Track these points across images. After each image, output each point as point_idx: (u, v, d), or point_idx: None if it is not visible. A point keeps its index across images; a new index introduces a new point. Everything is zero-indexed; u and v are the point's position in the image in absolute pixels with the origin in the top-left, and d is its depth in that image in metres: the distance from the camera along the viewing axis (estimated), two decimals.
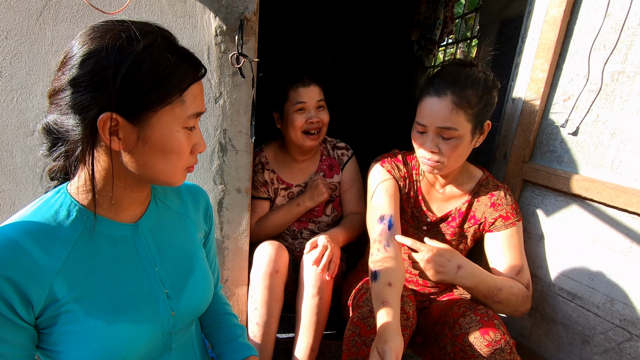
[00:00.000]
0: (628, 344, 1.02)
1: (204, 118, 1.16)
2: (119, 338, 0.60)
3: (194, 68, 0.61)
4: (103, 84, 0.53)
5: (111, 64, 0.53)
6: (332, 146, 1.58)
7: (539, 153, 1.21)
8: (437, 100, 1.00)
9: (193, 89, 0.61)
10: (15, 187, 1.14)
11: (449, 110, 0.98)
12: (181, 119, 0.60)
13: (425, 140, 1.05)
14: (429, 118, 1.02)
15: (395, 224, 1.11)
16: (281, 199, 1.52)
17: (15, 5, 1.01)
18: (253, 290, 1.27)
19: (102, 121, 0.54)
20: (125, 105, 0.55)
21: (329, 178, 1.54)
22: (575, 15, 1.10)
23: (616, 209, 1.03)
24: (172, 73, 0.57)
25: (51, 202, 0.61)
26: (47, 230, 0.58)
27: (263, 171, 1.50)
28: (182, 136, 0.61)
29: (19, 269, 0.53)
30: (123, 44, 0.54)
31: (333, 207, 1.54)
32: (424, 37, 3.29)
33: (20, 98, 1.07)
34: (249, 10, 1.08)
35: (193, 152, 0.66)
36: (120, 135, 0.57)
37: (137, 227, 0.68)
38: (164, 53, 0.56)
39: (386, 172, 1.20)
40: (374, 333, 0.97)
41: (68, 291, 0.57)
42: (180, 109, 0.59)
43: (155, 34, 0.58)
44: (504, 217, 1.12)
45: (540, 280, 1.22)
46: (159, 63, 0.56)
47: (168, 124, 0.59)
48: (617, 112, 1.02)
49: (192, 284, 0.73)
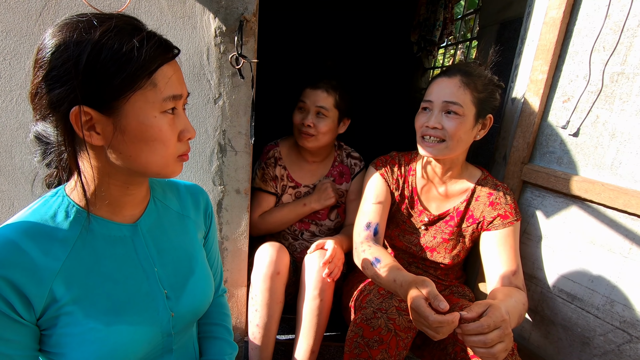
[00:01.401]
0: (628, 346, 1.02)
1: (203, 118, 1.16)
2: (118, 340, 0.60)
3: (162, 48, 0.58)
4: (67, 77, 0.52)
5: (71, 56, 0.51)
6: (347, 154, 1.58)
7: (539, 154, 1.21)
8: (446, 79, 1.09)
9: (164, 70, 0.58)
10: (14, 187, 1.13)
11: (456, 87, 1.06)
12: (156, 103, 0.57)
13: (429, 117, 1.09)
14: (437, 94, 1.08)
15: (380, 232, 1.20)
16: (288, 196, 1.52)
17: (14, 6, 1.01)
18: (254, 292, 1.27)
19: (73, 116, 0.53)
20: (92, 96, 0.53)
21: (338, 184, 1.53)
22: (574, 16, 1.10)
23: (616, 210, 1.02)
24: (134, 56, 0.53)
25: (49, 203, 0.61)
26: (46, 232, 0.58)
27: (275, 166, 1.49)
28: (162, 121, 0.58)
29: (18, 269, 0.53)
30: (80, 34, 0.52)
31: (338, 212, 1.54)
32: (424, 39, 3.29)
33: (19, 99, 1.07)
34: (249, 11, 1.08)
35: (181, 138, 0.63)
36: (98, 129, 0.56)
37: (136, 227, 0.67)
38: (124, 37, 0.54)
39: (380, 177, 1.24)
40: (377, 334, 0.97)
41: (67, 292, 0.57)
42: (153, 92, 0.57)
43: (113, 19, 0.55)
44: (503, 215, 1.12)
45: (540, 281, 1.21)
46: (119, 47, 0.53)
47: (143, 110, 0.56)
48: (617, 113, 1.02)
49: (192, 284, 0.73)
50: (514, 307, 0.94)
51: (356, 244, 1.19)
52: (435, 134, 1.08)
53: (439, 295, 0.81)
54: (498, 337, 0.78)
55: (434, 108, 1.09)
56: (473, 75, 1.08)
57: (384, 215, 1.22)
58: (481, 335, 0.78)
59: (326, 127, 1.39)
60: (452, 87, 1.07)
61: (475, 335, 0.78)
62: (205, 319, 0.89)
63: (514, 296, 0.99)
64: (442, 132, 1.07)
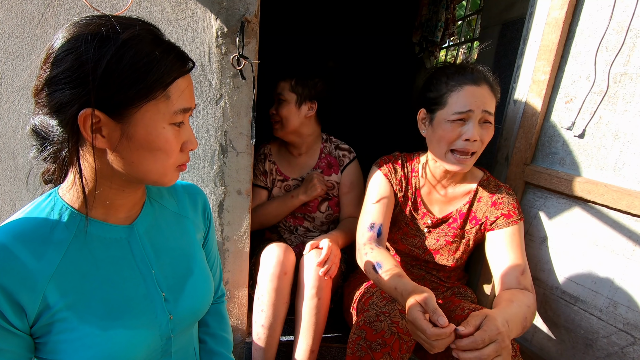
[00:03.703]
0: (631, 348, 1.01)
1: (204, 119, 1.16)
2: (116, 344, 0.58)
3: (180, 62, 0.58)
4: (83, 79, 0.51)
5: (90, 59, 0.51)
6: (335, 146, 1.60)
7: (541, 155, 1.20)
8: (476, 87, 1.03)
9: (179, 83, 0.58)
10: (16, 188, 1.14)
11: (489, 95, 1.04)
12: (167, 115, 0.57)
13: (467, 129, 1.03)
14: (475, 103, 1.02)
15: (384, 233, 1.18)
16: (277, 189, 1.58)
17: (17, 8, 1.01)
18: (260, 292, 1.26)
19: (82, 118, 0.53)
20: (105, 101, 0.53)
21: (326, 176, 1.56)
22: (577, 17, 1.09)
23: (619, 211, 1.02)
24: (154, 67, 0.54)
25: (42, 206, 0.59)
26: (39, 235, 0.56)
27: (265, 161, 1.59)
28: (169, 133, 0.59)
29: (10, 275, 0.52)
30: (103, 38, 0.52)
31: (329, 205, 1.56)
32: (425, 39, 3.29)
33: (21, 100, 1.07)
34: (250, 12, 1.08)
35: (183, 149, 0.63)
36: (104, 133, 0.55)
37: (132, 228, 0.66)
38: (145, 47, 0.54)
39: (383, 177, 1.22)
40: (379, 337, 0.97)
41: (61, 298, 0.56)
42: (165, 104, 0.57)
43: (136, 27, 0.55)
44: (506, 215, 1.11)
45: (543, 283, 1.21)
46: (140, 57, 0.53)
47: (153, 120, 0.56)
48: (620, 114, 1.02)
49: (190, 285, 0.71)
50: (516, 314, 0.91)
51: (359, 245, 1.18)
52: (473, 148, 1.03)
53: (438, 309, 0.79)
54: (494, 352, 0.76)
55: (472, 119, 1.02)
56: (491, 81, 1.06)
57: (388, 215, 1.21)
58: (476, 351, 0.76)
59: (285, 111, 1.46)
60: (486, 96, 1.02)
61: (470, 351, 0.76)
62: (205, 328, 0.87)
63: (517, 300, 0.95)
64: (478, 144, 1.03)
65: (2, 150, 1.10)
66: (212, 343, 0.86)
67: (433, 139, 1.11)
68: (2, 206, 1.15)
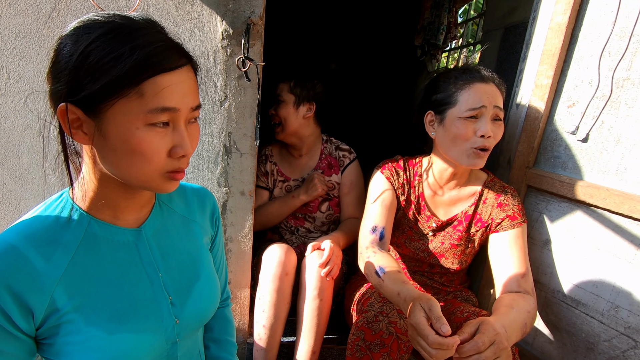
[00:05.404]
0: (633, 352, 1.01)
1: (209, 120, 1.16)
2: (121, 348, 0.58)
3: (163, 58, 0.54)
4: (59, 74, 0.53)
5: (66, 55, 0.52)
6: (335, 147, 1.61)
7: (543, 159, 1.21)
8: (486, 85, 1.05)
9: (158, 81, 0.53)
10: (21, 187, 1.14)
11: (498, 91, 1.06)
12: (139, 114, 0.53)
13: (480, 124, 1.03)
14: (487, 99, 1.03)
15: (387, 236, 1.16)
16: (279, 190, 1.60)
17: (24, 8, 1.02)
18: (262, 293, 1.27)
19: (60, 112, 0.53)
20: (77, 96, 0.52)
21: (327, 176, 1.57)
22: (580, 22, 1.10)
23: (621, 215, 1.02)
24: (120, 63, 0.51)
25: (52, 207, 0.60)
26: (49, 236, 0.56)
27: (266, 162, 1.61)
28: (145, 134, 0.54)
29: (19, 277, 0.52)
30: (79, 34, 0.52)
31: (329, 205, 1.57)
32: (428, 43, 3.30)
33: (28, 99, 1.08)
34: (256, 15, 1.09)
35: (172, 155, 0.57)
36: (85, 129, 0.55)
37: (140, 231, 0.66)
38: (116, 42, 0.51)
39: (385, 180, 1.22)
40: (378, 338, 0.97)
41: (69, 300, 0.56)
42: (138, 102, 0.53)
43: (114, 22, 0.53)
44: (511, 216, 1.12)
45: (544, 286, 1.21)
46: (106, 53, 0.51)
47: (124, 120, 0.53)
48: (622, 118, 1.02)
49: (197, 290, 0.71)
50: (515, 320, 0.91)
51: (361, 248, 1.17)
52: (489, 144, 1.04)
53: (442, 318, 0.79)
54: (493, 354, 0.77)
55: (485, 115, 1.03)
56: (498, 80, 1.07)
57: (390, 218, 1.20)
58: (476, 355, 0.77)
59: (284, 112, 1.48)
60: (495, 92, 1.04)
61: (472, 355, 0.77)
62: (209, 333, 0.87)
63: (517, 306, 0.95)
64: (492, 140, 1.04)
65: (7, 149, 1.11)
66: (215, 349, 0.86)
67: (446, 139, 1.09)
68: (7, 205, 1.15)
